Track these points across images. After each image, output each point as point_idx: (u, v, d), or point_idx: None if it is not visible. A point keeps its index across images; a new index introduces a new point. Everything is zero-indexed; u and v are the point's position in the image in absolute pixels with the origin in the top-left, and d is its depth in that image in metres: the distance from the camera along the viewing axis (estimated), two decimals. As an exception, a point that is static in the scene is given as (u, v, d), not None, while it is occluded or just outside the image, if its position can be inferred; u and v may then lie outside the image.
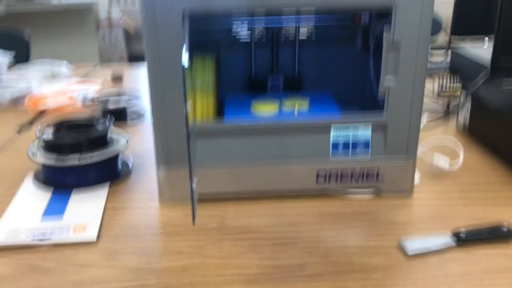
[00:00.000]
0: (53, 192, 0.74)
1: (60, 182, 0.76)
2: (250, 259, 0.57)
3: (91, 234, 0.62)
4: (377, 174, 0.70)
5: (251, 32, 0.82)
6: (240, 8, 0.63)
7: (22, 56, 1.86)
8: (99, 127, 0.79)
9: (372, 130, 0.69)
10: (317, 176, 0.70)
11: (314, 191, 0.71)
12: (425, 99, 1.17)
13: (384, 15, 0.66)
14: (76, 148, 0.75)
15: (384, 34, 0.64)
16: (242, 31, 0.82)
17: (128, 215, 0.68)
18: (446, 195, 0.72)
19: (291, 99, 0.77)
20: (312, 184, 0.70)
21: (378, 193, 0.71)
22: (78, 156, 0.74)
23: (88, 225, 0.64)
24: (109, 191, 0.75)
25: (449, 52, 1.34)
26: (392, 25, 0.63)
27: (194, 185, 0.46)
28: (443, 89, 1.23)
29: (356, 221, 0.65)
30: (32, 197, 0.73)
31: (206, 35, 0.81)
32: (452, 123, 1.00)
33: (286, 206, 0.69)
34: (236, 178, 0.70)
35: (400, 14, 0.63)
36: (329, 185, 0.70)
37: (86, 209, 0.69)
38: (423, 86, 0.66)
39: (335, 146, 0.69)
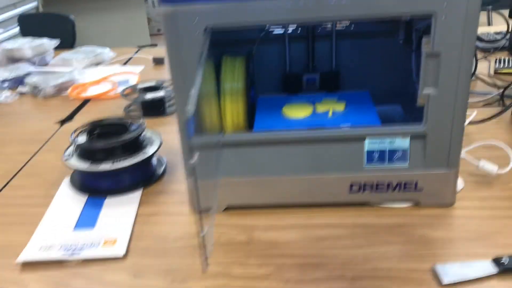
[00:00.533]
0: (87, 197, 0.75)
1: (94, 187, 0.77)
2: (275, 283, 0.56)
3: (120, 249, 0.62)
4: (416, 185, 0.66)
5: (284, 28, 0.78)
6: (265, 23, 0.58)
7: (68, 36, 1.90)
8: (133, 130, 0.78)
9: (411, 141, 0.64)
10: (351, 187, 0.67)
11: (347, 202, 0.68)
12: (478, 82, 1.10)
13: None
14: (109, 153, 0.75)
15: (423, 44, 0.58)
16: (275, 27, 0.78)
17: (158, 224, 0.68)
18: (492, 206, 0.67)
19: (326, 102, 0.73)
20: (345, 195, 0.67)
21: (416, 204, 0.68)
22: (111, 161, 0.74)
23: (118, 238, 0.65)
24: (142, 194, 0.75)
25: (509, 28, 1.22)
26: (432, 33, 0.57)
27: (205, 232, 0.44)
28: (501, 66, 1.14)
29: (390, 237, 0.62)
30: (67, 204, 0.74)
31: (237, 33, 0.78)
32: (507, 114, 0.92)
33: (317, 216, 0.67)
34: (266, 189, 0.68)
35: (441, 22, 0.56)
36: (363, 196, 0.67)
37: (118, 218, 0.69)
38: (467, 96, 0.61)
39: (370, 155, 0.65)
